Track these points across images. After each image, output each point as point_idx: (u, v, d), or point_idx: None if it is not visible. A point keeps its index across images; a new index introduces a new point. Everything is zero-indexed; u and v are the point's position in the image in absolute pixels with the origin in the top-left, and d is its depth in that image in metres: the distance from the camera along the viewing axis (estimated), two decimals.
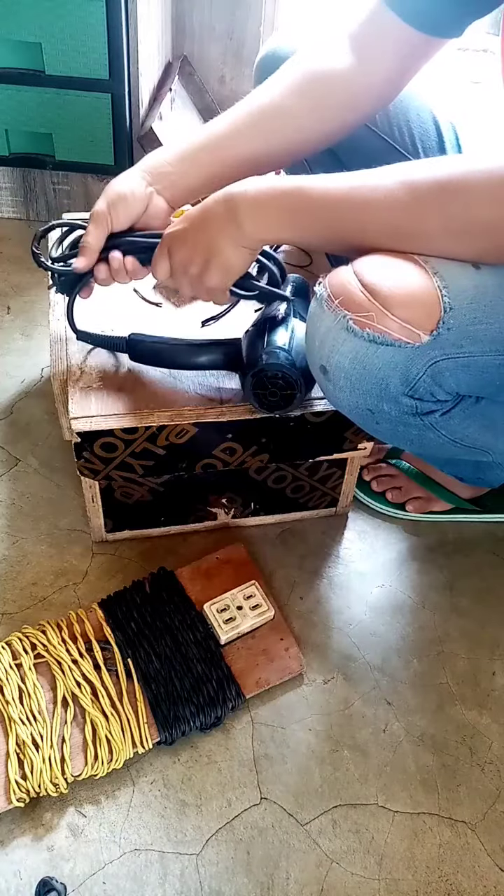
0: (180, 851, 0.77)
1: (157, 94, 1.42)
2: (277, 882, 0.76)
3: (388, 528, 1.07)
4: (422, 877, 0.77)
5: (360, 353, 0.67)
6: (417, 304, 0.64)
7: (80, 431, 0.83)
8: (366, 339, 0.66)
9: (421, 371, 0.67)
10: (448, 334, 0.65)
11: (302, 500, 1.03)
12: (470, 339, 0.66)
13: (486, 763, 0.85)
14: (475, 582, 1.01)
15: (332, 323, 0.67)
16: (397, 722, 0.87)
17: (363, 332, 0.65)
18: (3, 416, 1.16)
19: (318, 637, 0.94)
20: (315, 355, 0.72)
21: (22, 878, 0.74)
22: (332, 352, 0.68)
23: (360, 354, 0.67)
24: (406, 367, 0.67)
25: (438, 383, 0.69)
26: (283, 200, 0.70)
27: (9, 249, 1.46)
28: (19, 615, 0.93)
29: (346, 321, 0.66)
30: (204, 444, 0.87)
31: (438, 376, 0.68)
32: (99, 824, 0.78)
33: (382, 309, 0.64)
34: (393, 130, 0.95)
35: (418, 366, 0.67)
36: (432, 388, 0.69)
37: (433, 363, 0.67)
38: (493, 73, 0.86)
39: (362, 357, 0.67)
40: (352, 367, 0.68)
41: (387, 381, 0.68)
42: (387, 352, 0.66)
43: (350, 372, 0.69)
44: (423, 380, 0.68)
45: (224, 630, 0.88)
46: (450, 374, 0.68)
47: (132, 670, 0.85)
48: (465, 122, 0.97)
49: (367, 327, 0.65)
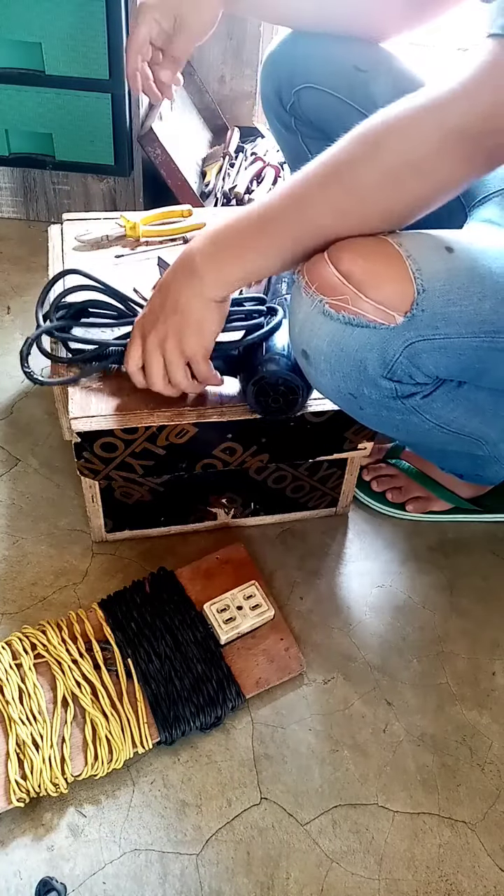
0: (180, 851, 0.77)
1: None
2: (277, 882, 0.76)
3: (388, 528, 1.07)
4: (422, 877, 0.77)
5: (336, 335, 0.68)
6: (391, 286, 0.66)
7: (80, 431, 0.83)
8: (342, 321, 0.67)
9: (397, 352, 0.69)
10: (423, 315, 0.66)
11: (302, 500, 1.03)
12: (445, 321, 0.67)
13: (486, 763, 0.85)
14: (475, 582, 1.01)
15: (310, 308, 0.69)
16: (397, 722, 0.87)
17: (339, 314, 0.67)
18: (3, 416, 1.16)
19: (318, 637, 0.94)
20: (296, 340, 0.74)
21: (22, 878, 0.74)
22: (310, 336, 0.70)
23: (337, 337, 0.69)
24: (382, 349, 0.68)
25: (416, 365, 0.70)
26: (230, 232, 0.71)
27: (9, 249, 1.46)
28: (19, 615, 0.93)
29: (323, 305, 0.68)
30: (204, 444, 0.87)
31: (415, 358, 0.69)
32: (99, 824, 0.78)
33: (356, 292, 0.66)
34: None
35: (394, 347, 0.68)
36: (410, 370, 0.71)
37: (409, 344, 0.68)
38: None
39: (339, 339, 0.69)
40: (330, 349, 0.70)
41: (364, 362, 0.70)
42: (363, 333, 0.68)
43: (329, 355, 0.70)
44: (400, 361, 0.69)
45: (224, 630, 0.88)
46: (427, 355, 0.69)
47: (132, 670, 0.85)
48: None
49: (342, 310, 0.67)
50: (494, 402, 0.79)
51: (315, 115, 0.99)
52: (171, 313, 0.75)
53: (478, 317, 0.67)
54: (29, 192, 1.49)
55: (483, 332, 0.68)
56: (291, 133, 1.05)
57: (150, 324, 0.77)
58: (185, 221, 1.08)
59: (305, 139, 1.04)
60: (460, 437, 0.81)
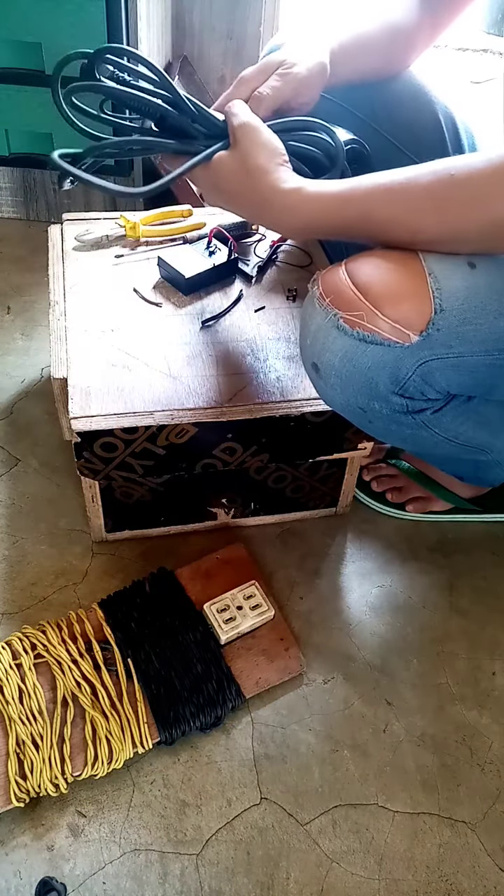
0: (180, 851, 0.77)
1: None
2: (277, 882, 0.76)
3: (388, 528, 1.07)
4: (422, 877, 0.77)
5: (349, 351, 0.67)
6: (408, 305, 0.65)
7: (80, 431, 0.83)
8: (356, 337, 0.66)
9: (410, 371, 0.67)
10: (438, 335, 0.65)
11: (302, 500, 1.03)
12: (460, 340, 0.66)
13: (486, 763, 0.85)
14: (475, 582, 1.01)
15: (323, 321, 0.68)
16: (397, 722, 0.87)
17: (353, 331, 0.66)
18: (3, 416, 1.16)
19: (318, 637, 0.94)
20: (307, 352, 0.72)
21: (22, 878, 0.74)
22: (322, 350, 0.69)
23: (350, 353, 0.67)
24: (395, 367, 0.67)
25: (428, 382, 0.69)
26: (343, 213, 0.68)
27: (9, 249, 1.46)
28: (19, 615, 0.93)
29: (337, 319, 0.66)
30: (204, 444, 0.87)
31: (428, 376, 0.68)
32: (99, 824, 0.78)
33: (373, 308, 0.65)
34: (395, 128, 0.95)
35: (408, 365, 0.67)
36: (422, 387, 0.70)
37: (423, 363, 0.67)
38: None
39: (352, 355, 0.67)
40: (342, 365, 0.69)
41: (376, 379, 0.69)
42: (376, 351, 0.66)
43: (340, 370, 0.69)
44: (412, 379, 0.68)
45: (224, 630, 0.88)
46: (440, 373, 0.68)
47: (132, 670, 0.85)
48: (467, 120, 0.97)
49: (357, 326, 0.66)
50: (502, 414, 0.79)
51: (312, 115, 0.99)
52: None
53: (493, 335, 0.66)
54: (29, 192, 1.49)
55: (497, 349, 0.67)
56: None
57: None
58: (185, 221, 1.08)
59: None
60: (467, 448, 0.81)
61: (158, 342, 0.91)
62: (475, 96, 1.76)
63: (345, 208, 0.68)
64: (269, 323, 0.95)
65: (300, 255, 1.04)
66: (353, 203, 0.67)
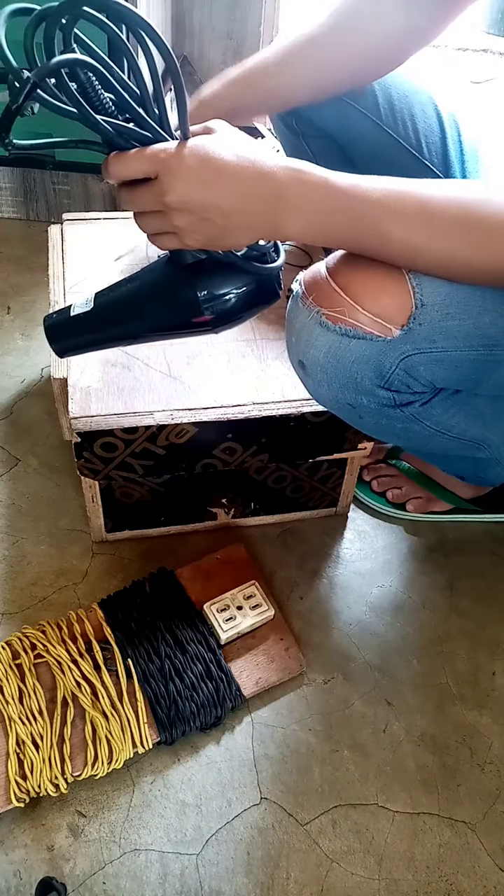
0: (180, 851, 0.77)
1: None
2: (277, 882, 0.76)
3: (388, 528, 1.07)
4: (422, 877, 0.77)
5: (333, 346, 0.68)
6: (388, 299, 0.65)
7: (80, 431, 0.83)
8: (338, 332, 0.67)
9: (393, 364, 0.68)
10: (420, 329, 0.66)
11: (302, 500, 1.03)
12: (443, 335, 0.67)
13: (486, 763, 0.85)
14: (475, 582, 1.01)
15: (307, 318, 0.68)
16: (397, 722, 0.87)
17: (335, 326, 0.67)
18: (3, 416, 1.16)
19: (318, 637, 0.94)
20: (293, 350, 0.73)
21: (22, 878, 0.74)
22: (307, 346, 0.70)
23: (334, 348, 0.68)
24: (379, 361, 0.68)
25: (413, 376, 0.70)
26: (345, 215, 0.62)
27: (9, 249, 1.46)
28: (19, 615, 0.93)
29: (319, 316, 0.67)
30: (204, 444, 0.87)
31: (412, 370, 0.69)
32: (99, 824, 0.78)
33: (353, 303, 0.65)
34: (397, 124, 0.96)
35: (391, 359, 0.68)
36: (407, 380, 0.70)
37: (405, 357, 0.68)
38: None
39: (335, 351, 0.68)
40: (326, 360, 0.70)
41: (360, 374, 0.69)
42: (359, 345, 0.67)
43: (325, 365, 0.70)
44: (396, 373, 0.69)
45: (224, 630, 0.88)
46: (423, 367, 0.69)
47: (132, 670, 0.85)
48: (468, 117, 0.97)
49: (338, 322, 0.66)
50: (494, 407, 0.79)
51: (317, 115, 0.99)
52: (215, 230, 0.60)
53: (476, 330, 0.67)
54: (29, 192, 1.49)
55: (481, 345, 0.68)
56: (293, 133, 1.05)
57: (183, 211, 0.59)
58: None
59: (308, 139, 1.04)
60: (462, 441, 0.81)
61: (158, 342, 0.92)
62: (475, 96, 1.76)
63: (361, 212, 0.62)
64: (268, 323, 0.95)
65: (300, 255, 1.04)
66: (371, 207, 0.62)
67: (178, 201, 0.58)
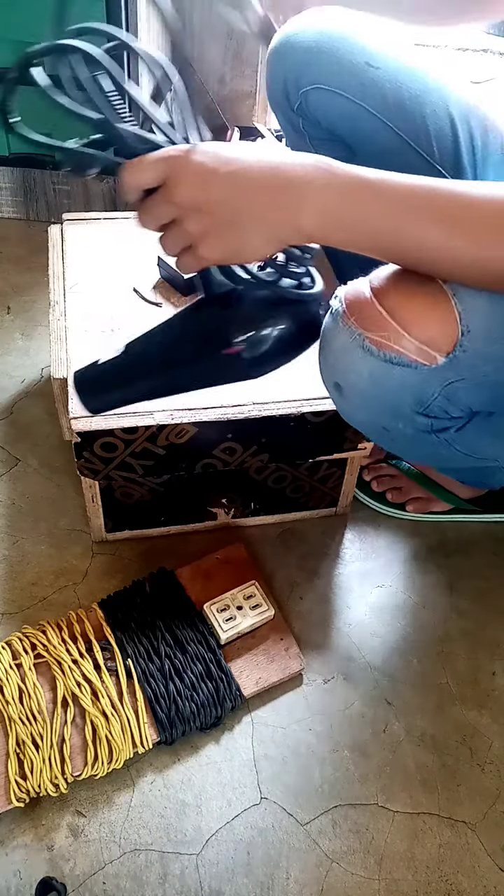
0: (180, 851, 0.77)
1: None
2: (277, 882, 0.76)
3: (388, 528, 1.07)
4: (422, 877, 0.77)
5: (375, 372, 0.65)
6: (435, 326, 0.62)
7: (80, 431, 0.83)
8: (382, 358, 0.64)
9: (436, 392, 0.66)
10: (464, 356, 0.63)
11: (302, 500, 1.03)
12: (485, 360, 0.64)
13: (486, 763, 0.85)
14: (475, 582, 1.01)
15: (348, 340, 0.65)
16: (397, 722, 0.87)
17: (380, 352, 0.63)
18: (3, 416, 1.16)
19: (318, 637, 0.94)
20: (328, 372, 0.70)
21: (22, 878, 0.74)
22: (346, 370, 0.67)
23: (376, 374, 0.65)
24: (421, 388, 0.66)
25: (453, 402, 0.68)
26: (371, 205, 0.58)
27: (9, 249, 1.46)
28: (19, 615, 0.93)
29: (362, 339, 0.64)
30: (204, 443, 0.87)
31: (453, 396, 0.67)
32: (99, 824, 0.78)
33: (399, 329, 0.62)
34: (408, 126, 0.94)
35: (433, 387, 0.66)
36: (447, 406, 0.68)
37: (448, 384, 0.65)
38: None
39: (377, 377, 0.65)
40: (367, 386, 0.67)
41: (401, 400, 0.67)
42: (402, 372, 0.64)
43: (365, 391, 0.67)
44: (437, 400, 0.67)
45: (224, 630, 0.88)
46: (464, 392, 0.67)
47: (132, 670, 0.85)
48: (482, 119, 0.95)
49: (383, 347, 0.63)
50: None
51: (323, 116, 0.97)
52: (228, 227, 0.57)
53: None
54: (29, 192, 1.49)
55: None
56: (299, 134, 1.03)
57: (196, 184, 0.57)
58: None
59: (314, 141, 1.01)
60: (482, 460, 0.80)
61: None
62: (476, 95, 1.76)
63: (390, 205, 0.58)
64: None
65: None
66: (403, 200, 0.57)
67: (187, 198, 0.56)
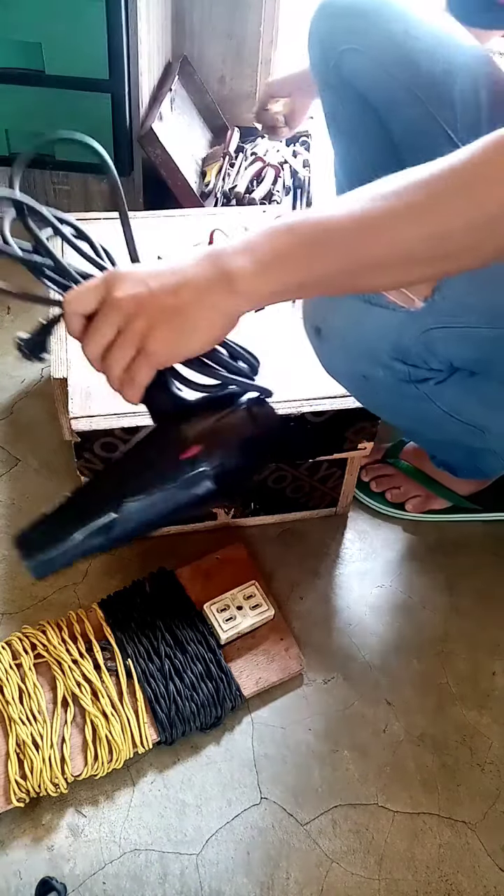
0: (180, 851, 0.77)
1: (157, 94, 1.42)
2: (277, 882, 0.76)
3: (388, 528, 1.07)
4: (422, 877, 0.77)
5: (354, 313, 0.67)
6: None
7: (80, 431, 0.83)
8: (361, 299, 0.66)
9: (414, 337, 0.67)
10: (443, 303, 0.65)
11: (302, 500, 1.03)
12: (464, 310, 0.66)
13: (486, 763, 0.85)
14: (475, 582, 1.01)
15: None
16: (397, 722, 0.87)
17: None
18: (3, 416, 1.16)
19: (318, 637, 0.94)
20: (309, 316, 0.72)
21: (22, 878, 0.74)
22: (326, 312, 0.69)
23: (355, 315, 0.67)
24: (399, 332, 0.67)
25: (431, 351, 0.69)
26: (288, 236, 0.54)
27: None
28: (19, 615, 0.93)
29: None
30: None
31: (431, 344, 0.68)
32: (99, 824, 0.78)
33: None
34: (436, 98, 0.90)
35: (412, 332, 0.67)
36: (425, 355, 0.69)
37: (426, 330, 0.67)
38: None
39: (357, 318, 0.67)
40: (346, 327, 0.68)
41: (379, 344, 0.69)
42: (381, 314, 0.66)
43: (344, 333, 0.69)
44: (415, 346, 0.68)
45: (224, 630, 0.88)
46: (442, 343, 0.68)
47: (132, 670, 0.85)
48: None
49: None
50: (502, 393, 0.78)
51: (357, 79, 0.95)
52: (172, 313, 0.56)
53: (499, 308, 0.65)
54: (29, 193, 1.48)
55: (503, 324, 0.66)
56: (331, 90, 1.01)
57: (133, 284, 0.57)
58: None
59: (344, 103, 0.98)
60: (467, 426, 0.81)
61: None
62: None
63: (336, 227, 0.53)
64: (268, 322, 0.95)
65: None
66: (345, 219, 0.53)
67: (129, 296, 0.56)
